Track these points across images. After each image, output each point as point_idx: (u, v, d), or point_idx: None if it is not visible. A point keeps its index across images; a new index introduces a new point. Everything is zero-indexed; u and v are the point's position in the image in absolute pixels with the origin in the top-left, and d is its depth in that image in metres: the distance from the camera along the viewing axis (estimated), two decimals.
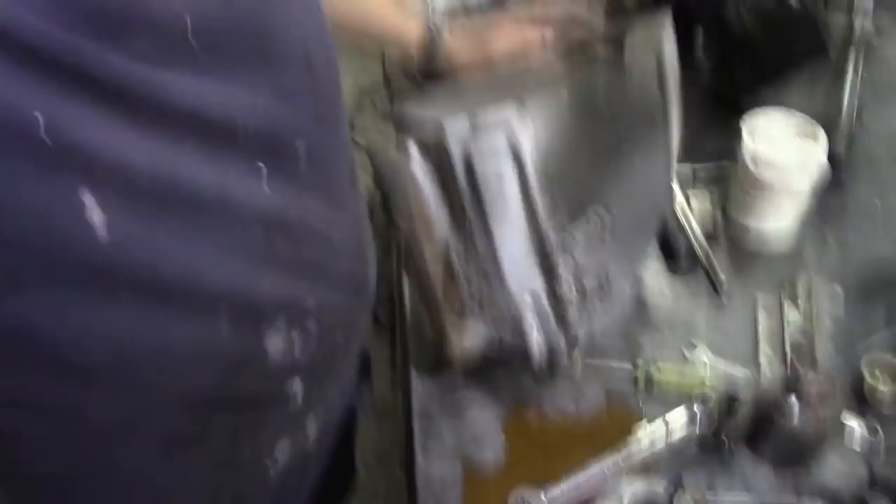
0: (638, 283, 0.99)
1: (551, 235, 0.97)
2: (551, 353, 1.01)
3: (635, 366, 1.14)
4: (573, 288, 0.99)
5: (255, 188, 0.66)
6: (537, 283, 0.98)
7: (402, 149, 0.98)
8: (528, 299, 0.98)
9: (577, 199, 0.98)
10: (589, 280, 0.99)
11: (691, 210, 1.37)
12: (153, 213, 0.57)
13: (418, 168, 0.98)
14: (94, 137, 0.51)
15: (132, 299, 0.58)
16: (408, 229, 1.01)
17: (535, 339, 0.99)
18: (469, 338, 1.06)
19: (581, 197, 0.98)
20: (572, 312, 0.99)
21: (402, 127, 0.99)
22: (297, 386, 0.79)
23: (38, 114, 0.47)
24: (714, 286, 1.28)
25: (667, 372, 1.14)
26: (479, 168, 0.94)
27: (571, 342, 1.00)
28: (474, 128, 0.93)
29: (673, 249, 1.31)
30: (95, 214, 0.52)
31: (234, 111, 0.62)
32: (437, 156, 0.97)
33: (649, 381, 1.14)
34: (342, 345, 0.87)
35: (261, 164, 0.66)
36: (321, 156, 0.74)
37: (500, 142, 0.93)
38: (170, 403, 0.66)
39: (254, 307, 0.69)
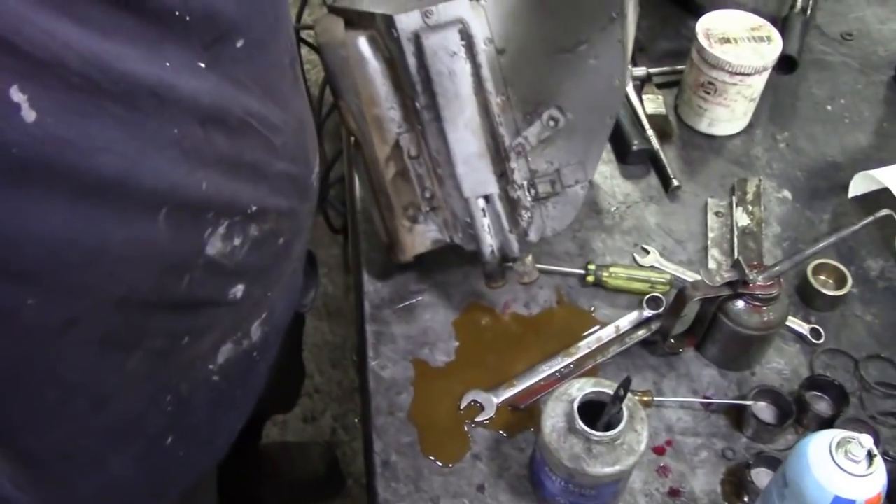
0: (590, 185, 0.98)
1: (506, 138, 0.96)
2: (504, 256, 1.01)
3: (587, 270, 1.15)
4: (527, 191, 0.98)
5: (192, 81, 0.64)
6: (492, 187, 0.97)
7: (352, 45, 0.96)
8: (481, 203, 0.98)
9: (531, 99, 0.97)
10: (542, 183, 0.98)
11: (645, 113, 1.36)
12: (87, 107, 0.55)
13: (368, 64, 0.96)
14: (24, 30, 0.50)
15: (67, 196, 0.56)
16: (358, 128, 1.00)
17: (488, 243, 0.99)
18: (421, 241, 1.05)
19: (535, 97, 0.97)
20: (526, 216, 0.99)
21: (351, 23, 0.97)
22: (238, 290, 0.78)
23: None
24: (665, 187, 1.28)
25: (618, 276, 1.15)
26: (432, 65, 0.92)
27: (524, 246, 1.00)
28: (427, 23, 0.91)
29: (626, 151, 1.31)
30: (26, 109, 0.51)
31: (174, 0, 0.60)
32: (389, 52, 0.95)
33: (600, 284, 1.15)
34: (285, 249, 0.85)
35: (199, 58, 0.64)
36: (261, 52, 0.72)
37: (453, 38, 0.91)
38: (107, 305, 0.64)
39: (193, 208, 0.67)
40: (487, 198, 0.98)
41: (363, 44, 0.95)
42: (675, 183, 1.28)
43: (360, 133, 0.99)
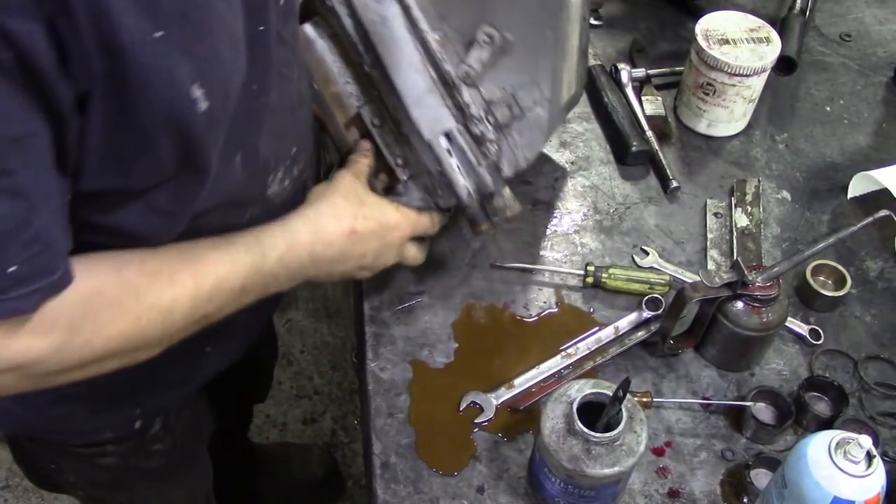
0: (550, 104, 0.97)
1: (450, 68, 0.96)
2: (482, 195, 0.99)
3: (586, 271, 1.14)
4: (486, 122, 0.97)
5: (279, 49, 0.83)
6: (449, 122, 0.97)
7: (304, 37, 0.99)
8: (443, 143, 0.97)
9: (467, 29, 0.96)
10: (499, 109, 0.98)
11: (644, 114, 1.36)
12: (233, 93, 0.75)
13: (315, 44, 0.99)
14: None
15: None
16: (319, 109, 1.02)
17: (462, 184, 0.98)
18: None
19: (471, 25, 0.96)
20: (493, 149, 0.98)
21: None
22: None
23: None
24: (664, 188, 1.28)
25: (617, 277, 1.15)
26: (364, 17, 0.94)
27: (498, 178, 0.99)
28: None
29: (625, 152, 1.31)
30: (201, 102, 0.69)
31: None
32: (331, 27, 0.98)
33: (599, 285, 1.15)
34: (304, 186, 1.00)
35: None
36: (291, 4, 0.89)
37: None
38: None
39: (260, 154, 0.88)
40: (449, 136, 0.97)
41: (308, 29, 0.99)
42: (674, 184, 1.28)
43: (322, 113, 1.02)
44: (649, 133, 1.34)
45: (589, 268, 1.15)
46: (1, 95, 0.59)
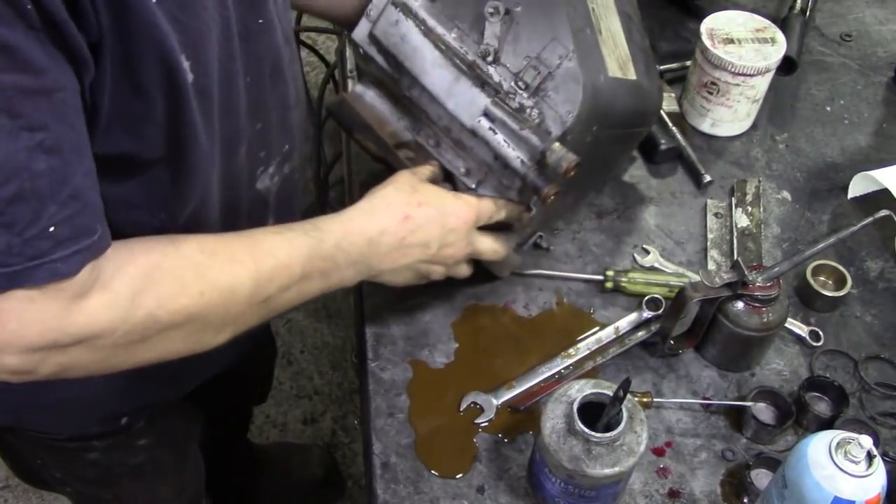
0: (576, 53, 0.97)
1: (470, 54, 0.99)
2: (536, 160, 0.98)
3: (605, 276, 1.14)
4: (521, 92, 0.98)
5: (270, 37, 0.86)
6: (483, 100, 0.98)
7: (349, 92, 1.11)
8: (485, 124, 0.98)
9: (473, 17, 0.99)
10: (528, 75, 0.98)
11: (662, 112, 1.35)
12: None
13: (365, 95, 1.09)
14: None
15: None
16: (379, 150, 1.07)
17: (514, 155, 0.98)
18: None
19: (476, 12, 0.99)
20: (534, 114, 0.98)
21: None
22: (269, 222, 1.00)
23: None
24: (697, 183, 1.29)
25: (636, 281, 1.14)
26: (388, 43, 1.02)
27: (545, 138, 0.98)
28: (370, 20, 1.03)
29: (653, 150, 1.31)
30: (187, 72, 0.73)
31: None
32: (372, 75, 1.07)
33: (619, 290, 1.15)
34: (296, 183, 1.05)
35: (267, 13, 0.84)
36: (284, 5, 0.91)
37: (391, 13, 1.02)
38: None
39: (253, 146, 0.91)
40: (488, 115, 0.98)
41: (358, 87, 1.10)
42: (707, 178, 1.28)
43: (385, 154, 1.06)
44: (674, 129, 1.33)
45: (608, 273, 1.15)
46: (31, 47, 0.60)
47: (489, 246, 1.03)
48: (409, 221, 0.94)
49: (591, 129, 1.00)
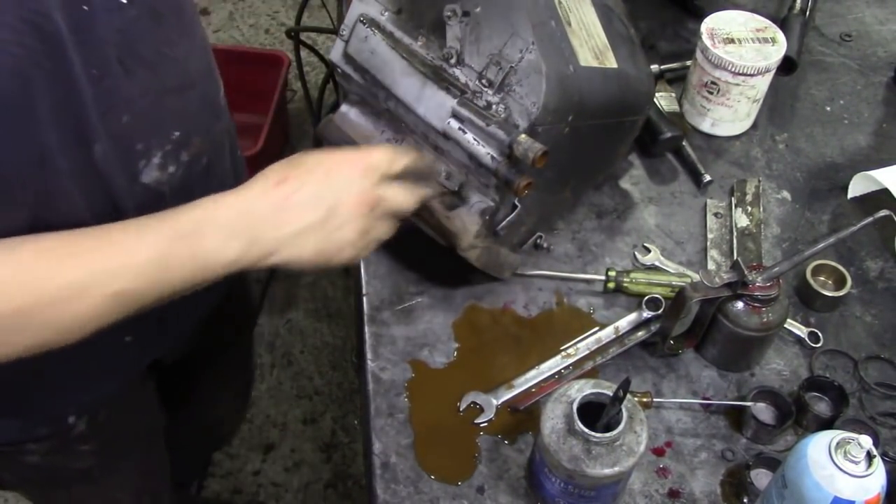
0: (536, 45, 0.97)
1: (434, 57, 1.01)
2: (505, 154, 0.98)
3: (607, 276, 1.14)
4: (486, 90, 0.99)
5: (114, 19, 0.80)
6: (450, 102, 0.99)
7: (336, 114, 1.15)
8: (455, 125, 0.99)
9: (435, 15, 0.99)
10: (490, 72, 0.99)
11: (662, 109, 1.35)
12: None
13: (350, 112, 1.14)
14: None
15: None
16: None
17: (484, 151, 0.98)
18: (471, 219, 1.05)
19: (433, 8, 1.00)
20: (501, 109, 0.99)
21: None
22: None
23: None
24: (697, 183, 1.30)
25: (639, 282, 1.14)
26: (360, 59, 1.07)
27: (510, 131, 0.97)
28: (344, 39, 1.08)
29: (654, 140, 1.31)
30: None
31: None
32: (353, 93, 1.10)
33: (621, 290, 1.15)
34: (207, 170, 1.00)
35: None
36: None
37: (361, 29, 1.06)
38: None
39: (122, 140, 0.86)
40: (456, 115, 0.99)
41: (343, 107, 1.15)
42: (707, 178, 1.28)
43: None
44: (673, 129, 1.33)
45: (609, 273, 1.15)
46: None
47: (395, 194, 0.92)
48: (287, 183, 0.85)
49: (565, 119, 1.01)
